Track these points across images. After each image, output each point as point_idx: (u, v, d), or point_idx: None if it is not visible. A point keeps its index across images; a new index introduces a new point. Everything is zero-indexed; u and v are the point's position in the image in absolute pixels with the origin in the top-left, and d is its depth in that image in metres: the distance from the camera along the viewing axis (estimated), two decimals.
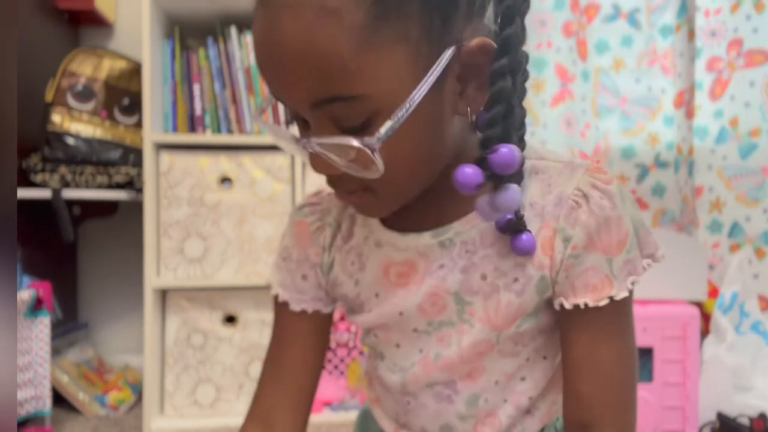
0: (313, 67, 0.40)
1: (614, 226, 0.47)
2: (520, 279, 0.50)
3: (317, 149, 0.43)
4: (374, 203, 0.48)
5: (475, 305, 0.52)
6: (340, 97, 0.41)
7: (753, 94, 1.71)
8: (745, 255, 1.68)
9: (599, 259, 0.47)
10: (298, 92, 0.42)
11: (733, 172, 1.73)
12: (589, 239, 0.47)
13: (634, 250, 0.48)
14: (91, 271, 1.85)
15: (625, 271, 0.48)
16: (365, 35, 0.39)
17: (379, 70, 0.40)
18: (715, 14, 1.75)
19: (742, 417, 1.36)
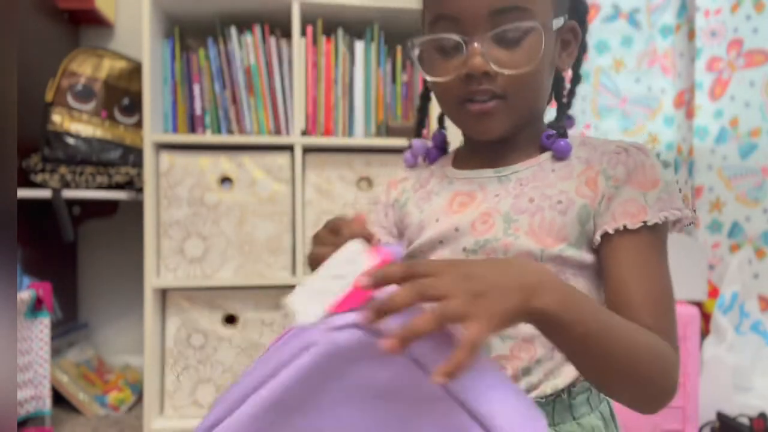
0: None
1: (648, 169, 0.59)
2: (563, 201, 0.60)
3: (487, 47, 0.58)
4: (502, 112, 0.61)
5: (521, 221, 0.60)
6: (519, 6, 0.58)
7: (753, 94, 1.72)
8: (745, 255, 1.68)
9: (636, 192, 0.58)
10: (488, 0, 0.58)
11: (733, 172, 1.73)
12: (627, 175, 0.59)
13: (666, 193, 0.58)
14: (91, 271, 1.85)
15: (658, 206, 0.57)
16: None
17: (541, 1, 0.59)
18: (715, 14, 1.75)
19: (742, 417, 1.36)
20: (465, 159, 0.69)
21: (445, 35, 0.60)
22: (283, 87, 1.57)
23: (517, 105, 0.61)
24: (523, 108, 0.62)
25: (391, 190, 0.74)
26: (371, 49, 1.61)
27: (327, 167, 1.57)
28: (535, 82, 0.61)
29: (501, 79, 0.59)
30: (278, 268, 1.54)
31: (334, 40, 1.60)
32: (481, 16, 0.58)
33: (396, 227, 0.72)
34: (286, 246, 1.55)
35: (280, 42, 1.58)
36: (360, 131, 1.60)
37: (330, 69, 1.59)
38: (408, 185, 0.73)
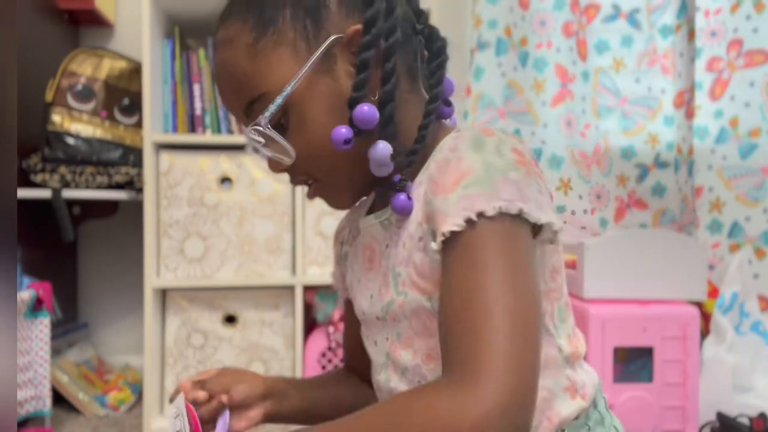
0: (231, 82, 0.54)
1: (453, 166, 0.47)
2: (423, 237, 0.51)
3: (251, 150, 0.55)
4: (327, 193, 0.57)
5: (403, 275, 0.53)
6: (252, 99, 0.53)
7: (753, 94, 1.71)
8: (745, 255, 1.68)
9: (440, 200, 0.47)
10: (234, 104, 0.55)
11: (733, 172, 1.73)
12: (433, 185, 0.48)
13: (475, 187, 0.45)
14: (91, 271, 1.85)
15: (460, 206, 0.45)
16: (252, 49, 0.52)
17: (269, 71, 0.52)
18: (715, 14, 1.75)
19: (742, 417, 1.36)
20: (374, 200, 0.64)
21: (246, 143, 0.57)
22: None
23: (331, 179, 0.55)
24: (341, 176, 0.55)
25: (337, 241, 0.70)
26: None
27: None
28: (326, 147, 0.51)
29: (297, 167, 0.54)
30: (278, 268, 1.54)
31: None
32: (240, 114, 0.55)
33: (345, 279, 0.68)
34: (286, 246, 1.55)
35: None
36: None
37: None
38: (346, 234, 0.68)
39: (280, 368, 1.55)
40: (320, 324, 1.58)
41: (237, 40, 0.52)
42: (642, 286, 1.38)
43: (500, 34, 1.76)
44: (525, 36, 1.79)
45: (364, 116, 0.50)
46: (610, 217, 1.86)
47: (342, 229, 0.69)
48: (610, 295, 1.38)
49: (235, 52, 0.52)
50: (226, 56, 0.53)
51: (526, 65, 1.77)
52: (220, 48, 0.54)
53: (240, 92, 0.53)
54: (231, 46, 0.53)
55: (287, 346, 1.56)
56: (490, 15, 1.75)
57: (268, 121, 0.51)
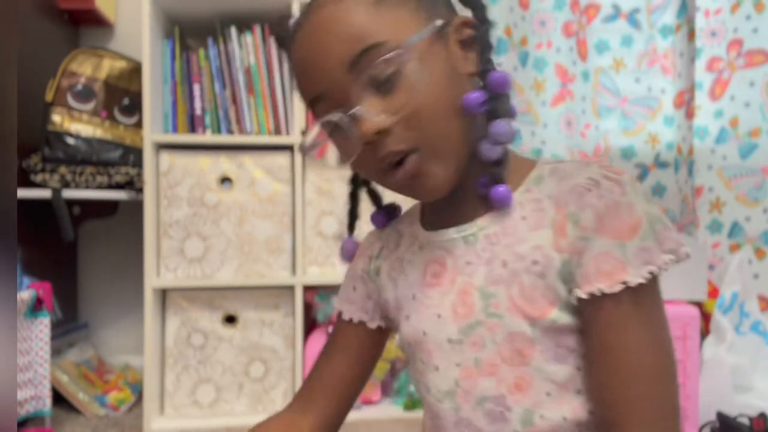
0: (344, 31, 0.50)
1: (624, 210, 0.47)
2: (539, 261, 0.50)
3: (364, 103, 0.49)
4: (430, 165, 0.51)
5: (499, 296, 0.52)
6: (367, 46, 0.49)
7: (753, 94, 1.72)
8: (745, 255, 1.68)
9: (611, 243, 0.47)
10: (337, 57, 0.50)
11: (733, 172, 1.73)
12: (599, 221, 0.48)
13: (650, 239, 0.47)
14: (91, 271, 1.85)
15: (640, 259, 0.47)
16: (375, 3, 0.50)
17: (390, 23, 0.50)
18: (715, 14, 1.75)
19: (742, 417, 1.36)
20: (430, 213, 0.60)
21: (326, 117, 0.52)
22: (283, 87, 1.57)
23: (440, 148, 0.51)
24: (450, 148, 0.52)
25: (359, 260, 0.65)
26: None
27: (327, 167, 1.57)
28: (442, 110, 0.51)
29: (403, 129, 0.50)
30: (278, 268, 1.54)
31: None
32: (342, 77, 0.50)
33: (371, 301, 0.64)
34: (286, 246, 1.55)
35: None
36: None
37: None
38: (377, 249, 0.64)
39: (280, 368, 1.55)
40: (320, 324, 1.58)
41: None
42: None
43: (500, 34, 1.76)
44: (525, 36, 1.79)
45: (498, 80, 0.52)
46: None
47: (370, 244, 0.65)
48: None
49: (356, 2, 0.50)
50: (342, 6, 0.50)
51: (526, 65, 1.77)
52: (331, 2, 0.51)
53: (352, 42, 0.49)
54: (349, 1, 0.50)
55: (287, 346, 1.56)
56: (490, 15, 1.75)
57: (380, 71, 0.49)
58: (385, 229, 0.66)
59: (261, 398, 1.55)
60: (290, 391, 1.56)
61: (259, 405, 1.55)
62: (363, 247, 0.66)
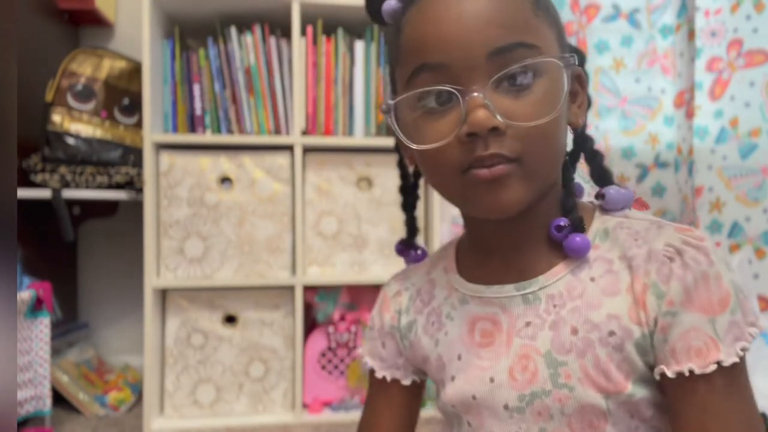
0: (505, 16, 0.46)
1: (713, 282, 0.44)
2: (616, 332, 0.46)
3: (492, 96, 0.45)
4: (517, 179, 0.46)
5: (570, 365, 0.48)
6: (524, 43, 0.46)
7: (753, 94, 1.71)
8: (745, 255, 1.68)
9: (700, 318, 0.43)
10: (484, 39, 0.45)
11: (733, 172, 1.73)
12: (686, 295, 0.44)
13: (738, 312, 0.44)
14: (91, 271, 1.85)
15: (732, 335, 0.43)
16: (535, 9, 0.47)
17: (545, 35, 0.48)
18: (715, 14, 1.75)
19: None
20: (471, 261, 0.56)
21: (436, 86, 0.46)
22: (283, 87, 1.57)
23: (536, 170, 0.47)
24: (543, 174, 0.48)
25: (385, 314, 0.61)
26: (371, 49, 1.61)
27: (327, 167, 1.57)
28: (555, 138, 0.47)
29: (512, 137, 0.45)
30: (278, 268, 1.54)
31: (334, 40, 1.60)
32: (478, 59, 0.45)
33: (402, 358, 0.60)
34: (286, 246, 1.55)
35: (280, 42, 1.58)
36: (360, 131, 1.60)
37: (330, 69, 1.60)
38: (405, 302, 0.60)
39: (280, 368, 1.55)
40: (320, 324, 1.58)
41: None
42: None
43: None
44: None
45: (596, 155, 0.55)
46: None
47: (396, 294, 0.61)
48: None
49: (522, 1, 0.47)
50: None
51: None
52: None
53: (508, 31, 0.45)
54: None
55: (287, 346, 1.56)
56: None
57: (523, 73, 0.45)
58: (408, 276, 0.62)
59: (261, 398, 1.55)
60: (290, 391, 1.56)
61: (259, 405, 1.55)
62: (386, 299, 0.62)
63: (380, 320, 0.62)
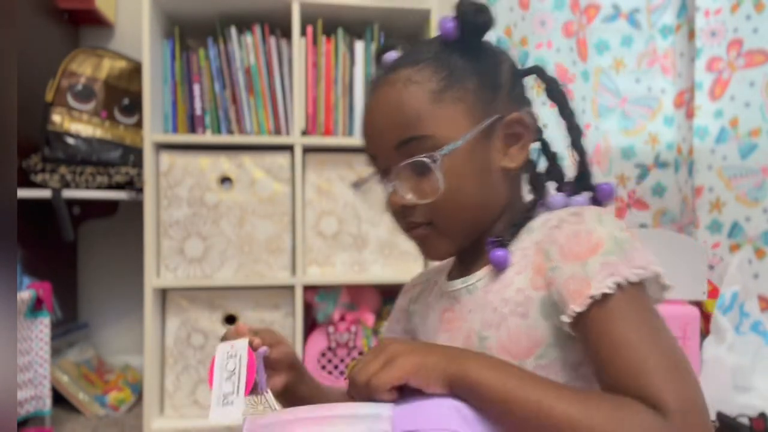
0: (400, 115, 0.58)
1: (583, 236, 0.52)
2: (522, 302, 0.55)
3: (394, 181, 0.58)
4: (435, 239, 0.60)
5: (491, 339, 0.56)
6: (414, 136, 0.57)
7: (753, 94, 1.71)
8: (745, 255, 1.68)
9: (574, 266, 0.51)
10: (388, 137, 0.58)
11: (733, 172, 1.73)
12: (561, 251, 0.52)
13: (613, 255, 0.50)
14: (91, 271, 1.85)
15: (605, 272, 0.49)
16: (436, 95, 0.57)
17: (442, 119, 0.57)
18: (715, 14, 1.75)
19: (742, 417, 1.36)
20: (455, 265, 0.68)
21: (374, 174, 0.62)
22: (283, 87, 1.57)
23: (448, 227, 0.60)
24: (457, 227, 0.60)
25: (405, 296, 0.75)
26: (371, 49, 1.61)
27: (327, 167, 1.57)
28: (459, 200, 0.58)
29: (420, 209, 0.59)
30: (278, 268, 1.54)
31: (334, 40, 1.60)
32: (389, 151, 0.59)
33: (408, 336, 0.72)
34: (286, 246, 1.55)
35: (280, 42, 1.58)
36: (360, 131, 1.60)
37: (330, 69, 1.59)
38: (416, 292, 0.73)
39: None
40: (320, 324, 1.58)
41: (423, 83, 0.57)
42: None
43: (500, 34, 1.76)
44: (525, 36, 1.79)
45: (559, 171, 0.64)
46: None
47: (413, 286, 0.74)
48: None
49: (417, 92, 0.57)
50: (402, 94, 0.58)
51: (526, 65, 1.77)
52: (396, 85, 0.58)
53: (403, 128, 0.57)
54: (412, 86, 0.58)
55: None
56: None
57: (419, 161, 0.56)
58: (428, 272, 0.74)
59: (261, 398, 1.55)
60: None
61: (259, 405, 1.55)
62: (409, 286, 0.75)
63: (399, 302, 0.74)
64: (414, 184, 0.58)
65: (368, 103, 0.62)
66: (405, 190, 0.58)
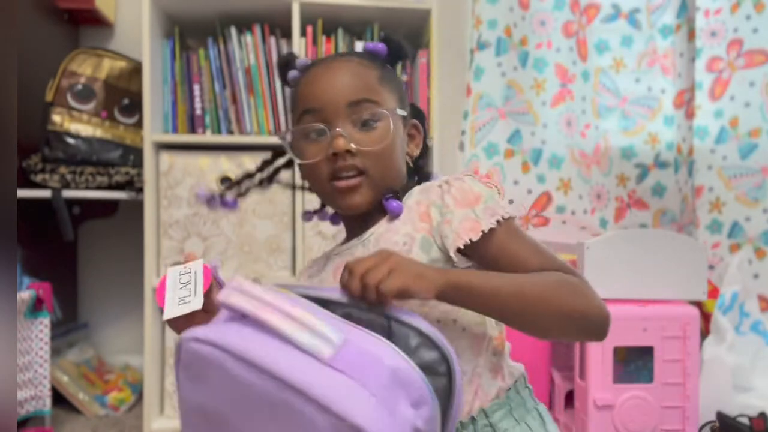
0: (357, 80, 0.72)
1: (468, 190, 0.69)
2: (407, 242, 0.68)
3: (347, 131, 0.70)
4: (363, 187, 0.71)
5: None
6: (370, 99, 0.72)
7: (753, 94, 1.72)
8: (745, 255, 1.68)
9: (465, 211, 0.68)
10: (344, 94, 0.71)
11: (733, 172, 1.73)
12: (455, 201, 0.69)
13: (490, 202, 0.68)
14: (91, 271, 1.85)
15: (487, 213, 0.67)
16: (379, 78, 0.74)
17: (385, 96, 0.74)
18: (715, 14, 1.75)
19: (742, 417, 1.36)
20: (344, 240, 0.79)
21: (313, 125, 0.72)
22: (283, 87, 1.57)
23: (377, 178, 0.72)
24: (382, 182, 0.72)
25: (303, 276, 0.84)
26: None
27: None
28: (390, 158, 0.73)
29: (361, 156, 0.70)
30: (278, 268, 1.54)
31: (334, 40, 1.60)
32: (341, 106, 0.71)
33: None
34: (286, 246, 1.55)
35: (280, 42, 1.58)
36: None
37: None
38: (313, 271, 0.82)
39: None
40: None
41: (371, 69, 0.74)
42: (642, 286, 1.38)
43: (500, 34, 1.76)
44: (525, 36, 1.79)
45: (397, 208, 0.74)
46: (610, 217, 1.86)
47: (309, 267, 0.83)
48: (610, 295, 1.38)
49: (368, 71, 0.73)
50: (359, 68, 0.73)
51: (526, 65, 1.77)
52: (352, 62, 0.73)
53: (358, 91, 0.71)
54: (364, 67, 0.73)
55: None
56: (490, 15, 1.75)
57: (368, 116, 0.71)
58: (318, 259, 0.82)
59: None
60: None
61: None
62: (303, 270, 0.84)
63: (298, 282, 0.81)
64: (361, 135, 0.71)
65: (320, 71, 0.73)
66: (353, 138, 0.70)
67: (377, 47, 0.76)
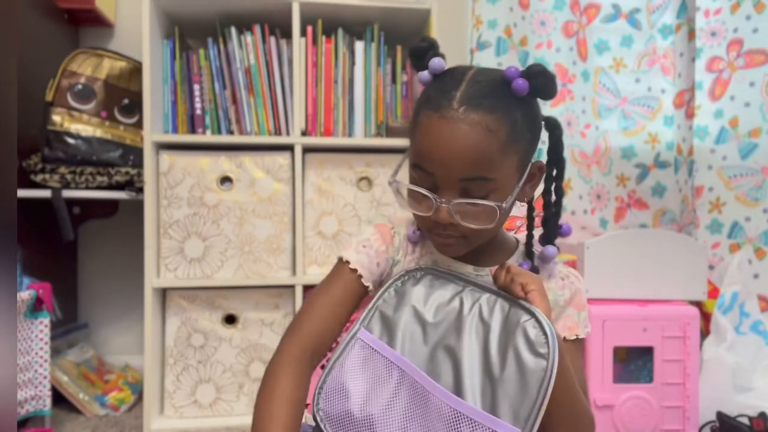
0: (476, 157, 0.67)
1: (582, 296, 0.80)
2: None
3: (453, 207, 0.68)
4: (460, 247, 0.73)
5: None
6: (483, 177, 0.68)
7: (753, 94, 1.72)
8: (745, 255, 1.68)
9: (573, 312, 0.79)
10: (459, 170, 0.67)
11: (733, 172, 1.73)
12: (572, 298, 0.79)
13: (586, 313, 0.79)
14: (91, 271, 1.85)
15: (584, 323, 0.79)
16: (504, 145, 0.67)
17: (503, 167, 0.68)
18: (715, 14, 1.75)
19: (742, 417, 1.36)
20: None
21: (420, 189, 0.70)
22: (283, 87, 1.57)
23: (476, 242, 0.73)
24: (479, 241, 0.74)
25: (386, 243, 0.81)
26: (371, 49, 1.61)
27: (327, 167, 1.57)
28: (492, 231, 0.72)
29: (463, 228, 0.69)
30: (278, 268, 1.54)
31: (334, 40, 1.60)
32: (453, 180, 0.68)
33: (381, 278, 0.80)
34: (286, 246, 1.55)
35: (280, 42, 1.58)
36: (360, 131, 1.61)
37: (330, 69, 1.60)
38: (397, 242, 0.81)
39: None
40: None
41: (496, 133, 0.67)
42: (642, 286, 1.38)
43: (500, 34, 1.76)
44: (525, 36, 1.79)
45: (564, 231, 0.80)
46: (610, 217, 1.86)
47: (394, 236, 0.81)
48: (610, 295, 1.38)
49: (492, 140, 0.66)
50: (482, 138, 0.66)
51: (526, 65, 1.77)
52: (477, 128, 0.66)
53: (475, 167, 0.67)
54: (489, 133, 0.66)
55: None
56: (490, 15, 1.75)
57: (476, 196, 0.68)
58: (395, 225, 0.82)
59: None
60: None
61: None
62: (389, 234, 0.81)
63: (382, 246, 0.80)
64: (467, 210, 0.69)
65: (444, 132, 0.67)
66: (458, 213, 0.68)
67: (518, 87, 0.68)
